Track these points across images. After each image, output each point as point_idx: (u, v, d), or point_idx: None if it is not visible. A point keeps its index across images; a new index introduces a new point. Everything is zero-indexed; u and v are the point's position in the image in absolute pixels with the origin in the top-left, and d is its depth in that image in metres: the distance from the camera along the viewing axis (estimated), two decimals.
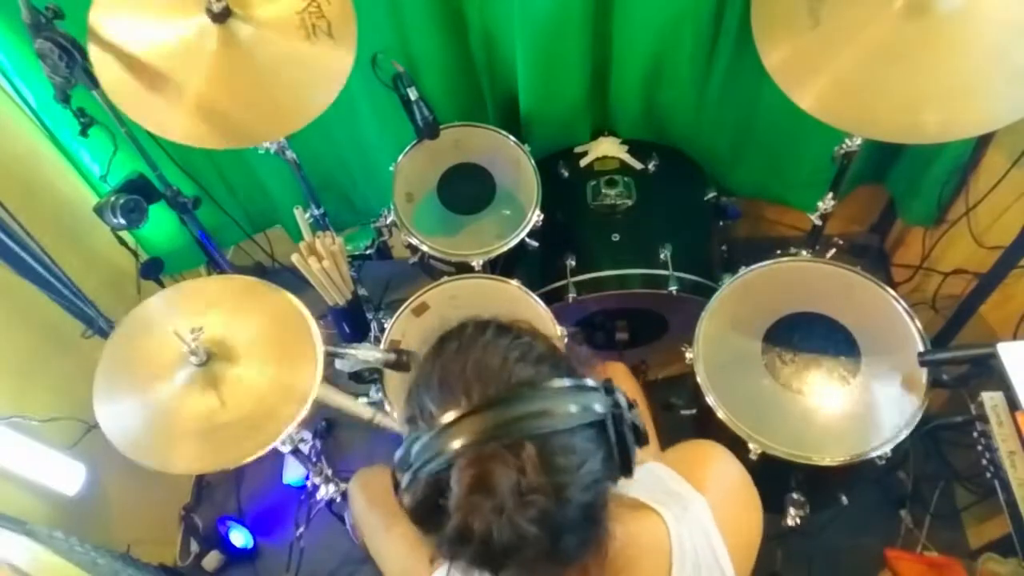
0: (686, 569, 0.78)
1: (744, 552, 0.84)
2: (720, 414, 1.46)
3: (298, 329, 1.40)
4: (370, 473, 1.46)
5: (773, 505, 1.58)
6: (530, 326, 0.77)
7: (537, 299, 1.67)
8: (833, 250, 1.88)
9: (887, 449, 1.37)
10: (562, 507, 0.65)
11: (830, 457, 1.39)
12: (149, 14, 1.40)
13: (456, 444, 0.64)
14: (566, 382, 0.68)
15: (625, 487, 0.73)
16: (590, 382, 0.70)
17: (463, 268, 1.79)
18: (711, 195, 1.95)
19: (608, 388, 0.71)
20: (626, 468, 0.70)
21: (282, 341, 1.39)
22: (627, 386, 1.38)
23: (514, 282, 1.69)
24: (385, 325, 1.70)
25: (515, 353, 0.71)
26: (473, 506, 0.63)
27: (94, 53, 1.36)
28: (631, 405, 0.71)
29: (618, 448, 0.68)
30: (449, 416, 0.66)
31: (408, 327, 1.68)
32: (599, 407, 0.68)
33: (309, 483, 2.02)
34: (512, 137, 1.89)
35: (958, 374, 1.46)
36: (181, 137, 1.39)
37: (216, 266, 2.11)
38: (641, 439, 0.71)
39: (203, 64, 1.38)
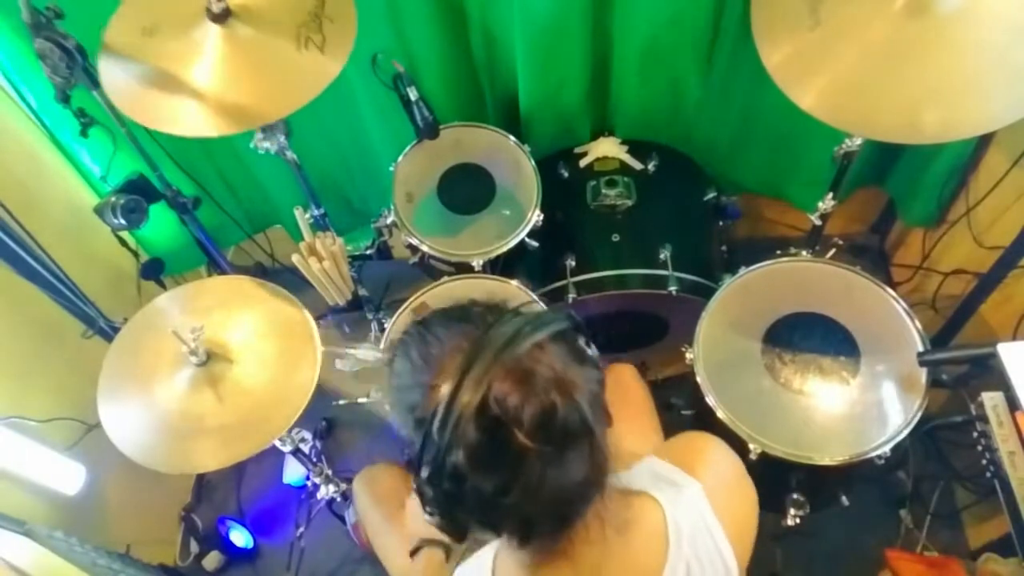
0: (683, 550, 0.79)
1: (741, 539, 0.85)
2: (720, 414, 1.46)
3: (298, 329, 1.40)
4: (374, 471, 1.46)
5: (773, 505, 1.58)
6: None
7: (537, 299, 1.67)
8: (833, 250, 1.88)
9: (887, 449, 1.38)
10: (582, 399, 0.68)
11: (830, 457, 1.39)
12: (159, 23, 1.41)
13: (476, 379, 0.65)
14: (522, 311, 0.73)
15: (620, 480, 0.75)
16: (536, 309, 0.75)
17: (463, 268, 1.79)
18: (711, 195, 1.95)
19: (567, 310, 0.75)
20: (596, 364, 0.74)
21: (282, 341, 1.40)
22: (635, 386, 1.38)
23: (514, 282, 1.70)
24: (385, 325, 1.70)
25: (471, 310, 0.78)
26: (536, 389, 0.66)
27: (104, 64, 1.37)
28: (580, 326, 0.75)
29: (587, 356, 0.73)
30: (455, 369, 0.67)
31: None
32: (551, 316, 0.72)
33: (309, 483, 2.02)
34: (512, 137, 1.89)
35: (958, 374, 1.46)
36: (177, 129, 1.39)
37: (216, 266, 2.11)
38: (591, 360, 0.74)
39: (202, 62, 1.38)
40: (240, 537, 2.11)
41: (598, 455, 0.71)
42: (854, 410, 1.44)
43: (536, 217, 1.78)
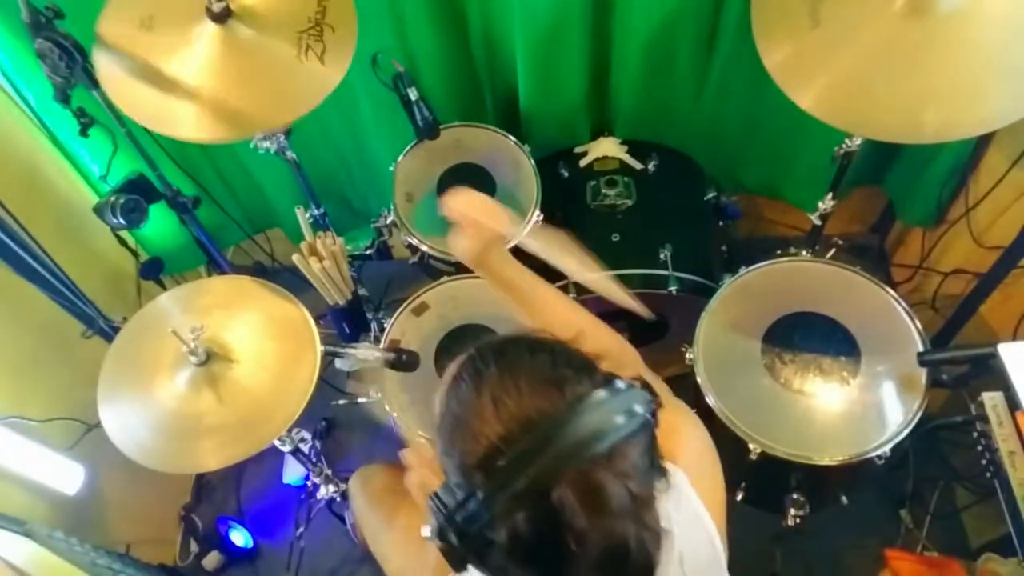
0: (675, 541, 0.79)
1: (717, 507, 0.88)
2: (720, 414, 1.46)
3: (298, 329, 1.40)
4: (370, 471, 1.46)
5: (773, 505, 1.58)
6: (549, 334, 0.74)
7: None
8: (833, 250, 1.88)
9: (887, 449, 1.38)
10: (651, 535, 0.65)
11: (830, 457, 1.39)
12: (156, 20, 1.41)
13: (546, 467, 0.60)
14: (616, 386, 0.67)
15: None
16: (626, 383, 0.68)
17: (463, 268, 1.79)
18: (711, 195, 1.95)
19: (643, 383, 0.69)
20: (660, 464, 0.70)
21: (282, 341, 1.40)
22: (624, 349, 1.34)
23: None
24: (385, 325, 1.70)
25: (561, 369, 0.68)
26: (610, 520, 0.61)
27: (99, 57, 1.37)
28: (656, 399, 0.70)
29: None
30: (525, 442, 0.62)
31: (408, 327, 1.68)
32: (641, 407, 0.67)
33: (309, 483, 2.02)
34: (512, 137, 1.89)
35: (958, 374, 1.46)
36: (177, 132, 1.39)
37: (216, 266, 2.11)
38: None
39: (201, 62, 1.38)
40: (240, 537, 2.11)
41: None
42: (854, 410, 1.44)
43: (536, 217, 1.78)
